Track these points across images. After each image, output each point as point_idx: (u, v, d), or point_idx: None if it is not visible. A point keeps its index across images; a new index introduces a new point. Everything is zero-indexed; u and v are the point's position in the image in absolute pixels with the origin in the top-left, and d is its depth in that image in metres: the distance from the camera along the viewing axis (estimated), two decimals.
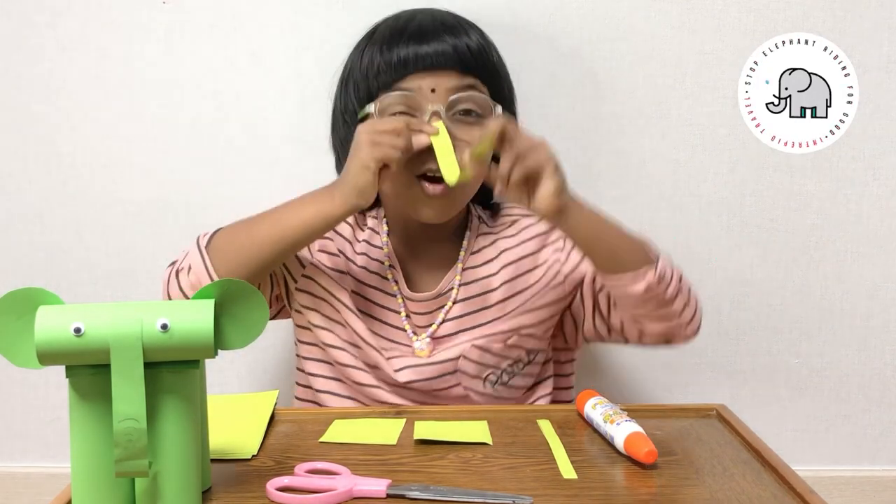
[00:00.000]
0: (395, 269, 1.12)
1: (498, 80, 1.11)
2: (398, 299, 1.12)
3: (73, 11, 1.30)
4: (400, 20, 1.10)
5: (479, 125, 1.05)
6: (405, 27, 1.08)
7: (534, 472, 0.85)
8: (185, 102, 1.32)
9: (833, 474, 1.39)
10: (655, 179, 1.34)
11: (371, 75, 1.07)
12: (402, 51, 1.05)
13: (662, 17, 1.30)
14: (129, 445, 0.71)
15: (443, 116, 1.03)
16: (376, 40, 1.09)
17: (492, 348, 1.10)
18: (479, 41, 1.09)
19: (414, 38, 1.06)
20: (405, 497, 0.78)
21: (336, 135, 1.17)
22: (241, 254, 1.03)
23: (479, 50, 1.08)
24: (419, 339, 1.11)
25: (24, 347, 0.73)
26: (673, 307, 1.05)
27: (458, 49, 1.06)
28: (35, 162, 1.34)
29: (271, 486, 0.79)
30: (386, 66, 1.06)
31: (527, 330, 1.11)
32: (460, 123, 1.05)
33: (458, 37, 1.07)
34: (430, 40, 1.05)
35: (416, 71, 1.04)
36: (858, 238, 1.35)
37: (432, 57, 1.04)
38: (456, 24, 1.09)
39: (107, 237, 1.36)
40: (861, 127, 1.31)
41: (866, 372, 1.39)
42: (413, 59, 1.04)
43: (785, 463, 0.86)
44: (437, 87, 1.04)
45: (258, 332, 0.77)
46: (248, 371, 1.39)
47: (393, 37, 1.07)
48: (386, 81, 1.06)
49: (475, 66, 1.07)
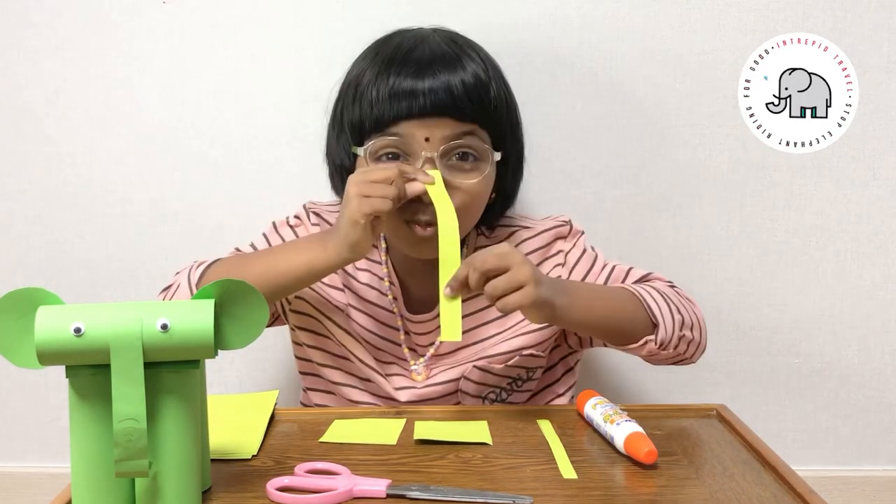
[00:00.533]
0: (394, 286, 1.11)
1: (498, 119, 1.06)
2: (397, 319, 1.11)
3: (73, 11, 1.30)
4: (401, 48, 1.04)
5: (476, 170, 1.03)
6: (404, 59, 1.02)
7: (534, 472, 0.85)
8: (185, 102, 1.32)
9: (833, 474, 1.39)
10: (655, 179, 1.34)
11: (364, 104, 1.03)
12: (396, 86, 1.00)
13: (662, 17, 1.30)
14: (129, 445, 0.71)
15: (437, 164, 1.00)
16: (376, 63, 1.04)
17: (493, 369, 1.09)
18: (477, 76, 1.03)
19: (410, 74, 1.01)
20: (405, 497, 0.78)
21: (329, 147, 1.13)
22: None
23: (477, 88, 1.02)
24: (416, 362, 1.11)
25: (24, 347, 0.73)
26: (680, 356, 1.07)
27: (454, 93, 1.00)
28: (35, 162, 1.34)
29: (271, 486, 0.79)
30: (379, 100, 1.01)
31: (528, 350, 1.10)
32: (456, 170, 1.02)
33: (455, 72, 1.01)
34: (425, 77, 1.00)
35: (410, 116, 1.00)
36: (858, 238, 1.35)
37: (425, 96, 0.99)
38: (455, 58, 1.03)
39: (107, 237, 1.36)
40: (861, 127, 1.31)
41: (866, 372, 1.39)
42: (406, 98, 1.00)
43: (785, 463, 0.86)
44: (431, 135, 1.00)
45: (258, 332, 0.77)
46: (248, 371, 1.39)
47: (391, 66, 1.02)
48: (377, 118, 1.01)
49: (471, 111, 1.02)
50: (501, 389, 1.11)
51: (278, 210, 1.33)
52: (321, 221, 1.13)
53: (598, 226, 1.34)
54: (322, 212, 1.14)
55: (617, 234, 1.35)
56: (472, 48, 1.07)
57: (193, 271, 1.05)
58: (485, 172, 1.04)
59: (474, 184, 1.03)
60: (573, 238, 1.13)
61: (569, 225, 1.14)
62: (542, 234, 1.13)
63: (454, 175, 1.02)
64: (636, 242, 1.35)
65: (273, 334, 1.30)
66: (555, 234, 1.13)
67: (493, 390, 1.11)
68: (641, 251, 1.35)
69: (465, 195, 1.02)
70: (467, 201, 1.03)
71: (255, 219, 1.34)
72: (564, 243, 1.13)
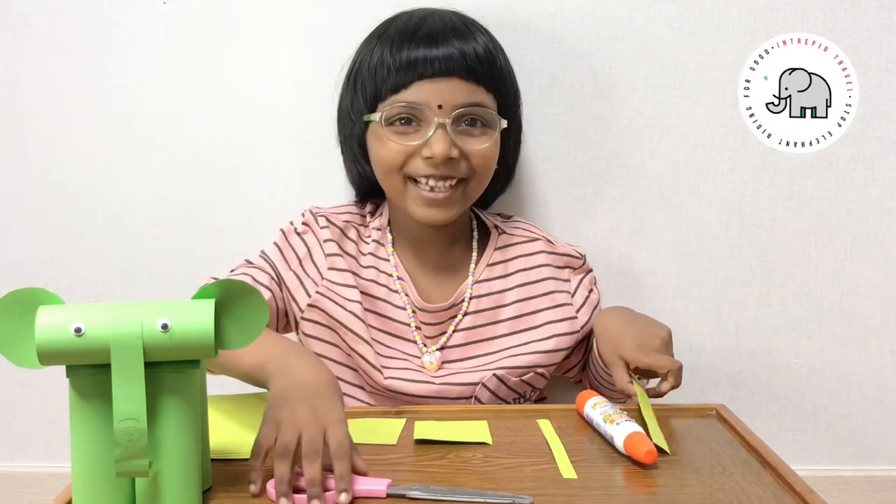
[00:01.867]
0: (403, 280, 1.13)
1: (504, 87, 1.12)
2: (407, 311, 1.12)
3: (73, 11, 1.30)
4: (411, 21, 1.10)
5: (485, 135, 1.08)
6: (416, 30, 1.08)
7: (534, 472, 0.85)
8: (186, 102, 1.32)
9: (833, 474, 1.39)
10: (655, 179, 1.34)
11: (379, 76, 1.08)
12: (410, 54, 1.05)
13: (662, 17, 1.30)
14: (129, 445, 0.71)
15: (448, 129, 1.04)
16: (386, 39, 1.09)
17: (508, 381, 1.10)
18: (486, 46, 1.09)
19: (423, 42, 1.06)
20: (405, 497, 0.78)
21: (342, 130, 1.18)
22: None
23: (487, 56, 1.08)
24: (429, 351, 1.11)
25: (24, 347, 0.73)
26: None
27: (465, 55, 1.06)
28: (35, 162, 1.34)
29: (271, 486, 0.79)
30: (394, 68, 1.06)
31: (541, 369, 1.12)
32: (466, 135, 1.07)
33: (467, 41, 1.07)
34: (438, 44, 1.05)
35: (423, 76, 1.05)
36: (858, 238, 1.35)
37: (440, 61, 1.05)
38: (465, 29, 1.09)
39: (107, 237, 1.35)
40: (861, 127, 1.31)
41: (866, 372, 1.39)
42: (421, 64, 1.05)
43: (785, 463, 0.86)
44: (443, 101, 1.05)
45: (258, 332, 0.77)
46: None
47: (403, 38, 1.07)
48: (393, 84, 1.06)
49: (482, 74, 1.07)
50: (512, 401, 1.12)
51: (278, 210, 1.34)
52: (330, 225, 1.14)
53: (597, 226, 1.34)
54: (329, 215, 1.16)
55: (617, 233, 1.35)
56: (478, 25, 1.13)
57: None
58: (493, 138, 1.09)
59: (485, 148, 1.08)
60: (581, 272, 1.19)
61: (582, 259, 1.19)
62: (559, 256, 1.18)
63: (465, 140, 1.06)
64: (636, 242, 1.35)
65: None
66: (567, 262, 1.18)
67: (502, 403, 1.11)
68: (641, 251, 1.35)
69: (478, 159, 1.08)
70: (480, 164, 1.09)
71: (255, 219, 1.34)
72: (573, 274, 1.18)
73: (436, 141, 1.04)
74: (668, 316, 1.36)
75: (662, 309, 1.36)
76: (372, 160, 1.12)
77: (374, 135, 1.10)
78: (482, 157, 1.08)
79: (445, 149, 1.04)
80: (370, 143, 1.12)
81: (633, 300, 1.36)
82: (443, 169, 1.06)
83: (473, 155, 1.07)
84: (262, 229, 1.34)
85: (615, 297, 1.35)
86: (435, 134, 1.04)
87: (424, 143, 1.05)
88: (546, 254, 1.17)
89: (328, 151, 1.31)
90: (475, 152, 1.07)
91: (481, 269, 1.15)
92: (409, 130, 1.07)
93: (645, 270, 1.36)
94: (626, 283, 1.36)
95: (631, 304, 1.27)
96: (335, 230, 1.14)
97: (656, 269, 1.35)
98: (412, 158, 1.07)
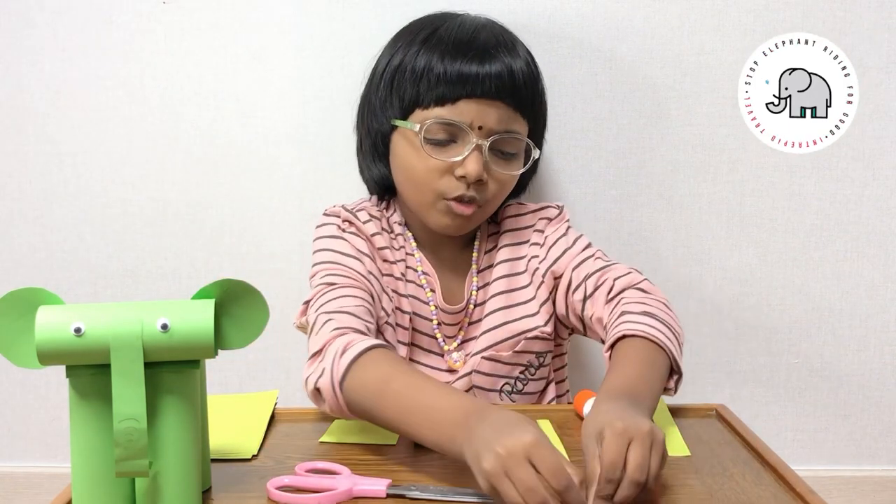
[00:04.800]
0: (429, 276, 1.13)
1: (540, 114, 1.13)
2: (430, 307, 1.12)
3: (73, 11, 1.30)
4: (463, 30, 1.08)
5: (516, 161, 1.08)
6: (469, 42, 1.06)
7: None
8: (186, 102, 1.32)
9: (833, 474, 1.39)
10: (655, 179, 1.34)
11: (423, 82, 1.05)
12: (463, 68, 1.03)
13: (662, 17, 1.30)
14: (129, 445, 0.71)
15: (484, 152, 1.04)
16: (435, 45, 1.06)
17: (501, 357, 1.10)
18: (528, 64, 1.08)
19: (476, 58, 1.04)
20: (405, 497, 0.78)
21: (366, 124, 1.14)
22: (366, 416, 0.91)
23: (530, 76, 1.08)
24: (450, 348, 1.12)
25: (24, 347, 0.73)
26: None
27: (514, 77, 1.05)
28: (35, 162, 1.34)
29: (271, 486, 0.79)
30: (443, 79, 1.04)
31: (532, 332, 1.11)
32: (498, 159, 1.06)
33: (515, 59, 1.06)
34: (492, 61, 1.04)
35: (471, 95, 1.03)
36: (858, 238, 1.35)
37: (491, 81, 1.03)
38: (510, 45, 1.08)
39: (107, 237, 1.35)
40: (861, 127, 1.31)
41: (866, 372, 1.39)
42: (472, 81, 1.03)
43: (785, 463, 0.86)
44: (484, 124, 1.04)
45: (258, 332, 0.77)
46: (248, 371, 1.39)
47: (457, 49, 1.05)
48: (439, 96, 1.04)
49: (524, 100, 1.07)
50: (515, 379, 1.12)
51: (278, 210, 1.34)
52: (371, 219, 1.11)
53: (598, 226, 1.34)
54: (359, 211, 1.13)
55: (617, 234, 1.35)
56: (519, 41, 1.12)
57: (337, 360, 0.91)
58: (523, 166, 1.10)
59: (512, 176, 1.09)
60: (558, 222, 1.15)
61: (559, 210, 1.16)
62: (530, 214, 1.16)
63: (497, 165, 1.06)
64: (636, 242, 1.35)
65: (273, 334, 1.29)
66: (541, 216, 1.16)
67: (507, 381, 1.11)
68: (641, 251, 1.35)
69: (499, 185, 1.08)
70: (499, 190, 1.09)
71: (255, 219, 1.35)
72: (548, 225, 1.15)
73: (470, 161, 1.03)
74: None
75: None
76: (398, 166, 1.10)
77: (406, 143, 1.07)
78: (502, 185, 1.08)
79: (479, 170, 1.03)
80: (398, 146, 1.09)
81: None
82: (472, 190, 1.05)
83: (499, 179, 1.07)
84: (262, 229, 1.35)
85: None
86: (471, 155, 1.04)
87: (460, 161, 1.04)
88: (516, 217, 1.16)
89: (328, 151, 1.31)
90: (502, 177, 1.07)
91: (481, 259, 1.15)
92: (446, 146, 1.05)
93: (645, 270, 1.35)
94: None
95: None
96: (377, 223, 1.12)
97: (656, 269, 1.35)
98: (445, 176, 1.05)
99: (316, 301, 1.01)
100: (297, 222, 1.33)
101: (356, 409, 0.89)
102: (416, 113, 1.06)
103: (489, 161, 1.05)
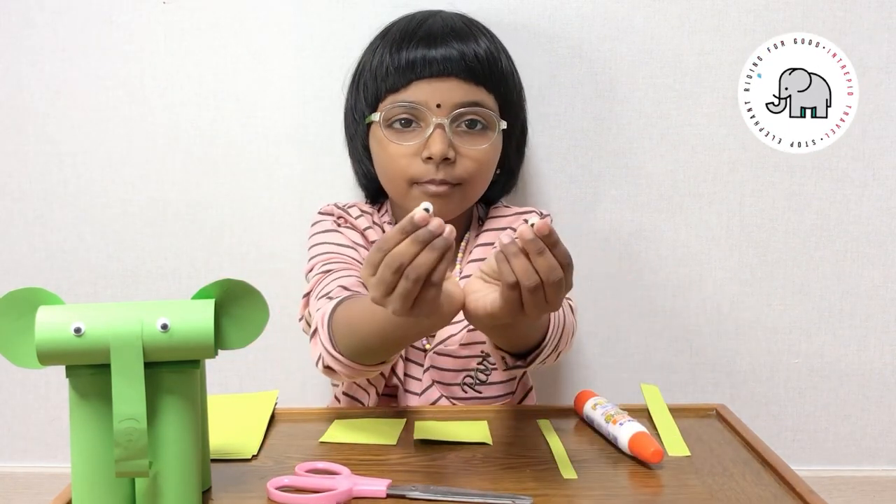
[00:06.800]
0: None
1: (506, 88, 1.11)
2: None
3: (73, 11, 1.30)
4: (412, 22, 1.10)
5: (484, 137, 1.07)
6: (415, 30, 1.08)
7: (534, 472, 0.85)
8: (186, 102, 1.32)
9: (833, 474, 1.39)
10: (655, 179, 1.34)
11: (379, 76, 1.08)
12: (409, 54, 1.05)
13: (662, 17, 1.30)
14: (129, 445, 0.71)
15: (447, 129, 1.04)
16: (388, 41, 1.09)
17: (450, 351, 1.10)
18: (488, 48, 1.09)
19: (423, 43, 1.06)
20: (405, 497, 0.78)
21: (347, 131, 1.18)
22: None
23: (488, 58, 1.08)
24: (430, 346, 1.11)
25: (24, 347, 0.73)
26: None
27: (465, 56, 1.05)
28: (35, 162, 1.34)
29: (271, 486, 0.79)
30: (393, 69, 1.06)
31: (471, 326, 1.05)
32: (464, 136, 1.06)
33: (467, 43, 1.07)
34: (438, 45, 1.05)
35: (422, 77, 1.05)
36: (858, 238, 1.35)
37: (439, 63, 1.04)
38: (466, 30, 1.09)
39: (107, 237, 1.36)
40: (861, 127, 1.31)
41: (866, 372, 1.39)
42: (420, 64, 1.05)
43: (785, 463, 0.86)
44: (442, 101, 1.04)
45: (258, 332, 0.77)
46: (248, 371, 1.39)
47: (403, 39, 1.07)
48: (392, 85, 1.06)
49: (482, 76, 1.07)
50: (476, 371, 1.11)
51: (278, 210, 1.34)
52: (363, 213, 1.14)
53: (598, 226, 1.34)
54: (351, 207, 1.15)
55: (617, 234, 1.35)
56: (480, 27, 1.12)
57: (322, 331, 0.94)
58: (492, 139, 1.08)
59: (482, 150, 1.07)
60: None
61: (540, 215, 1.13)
62: (513, 215, 1.17)
63: (463, 141, 1.06)
64: (636, 242, 1.35)
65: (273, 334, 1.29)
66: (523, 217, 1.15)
67: (468, 373, 1.10)
68: (641, 251, 1.35)
69: (474, 163, 1.07)
70: (475, 169, 1.07)
71: (255, 219, 1.35)
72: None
73: (433, 141, 1.04)
74: (668, 316, 1.36)
75: (662, 309, 1.36)
76: (375, 164, 1.12)
77: (374, 138, 1.10)
78: (476, 162, 1.07)
79: (443, 148, 1.03)
80: (372, 146, 1.12)
81: (633, 300, 1.36)
82: (441, 172, 1.05)
83: (471, 156, 1.06)
84: (262, 229, 1.35)
85: (615, 296, 1.36)
86: (433, 134, 1.04)
87: (423, 143, 1.05)
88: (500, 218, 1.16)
89: (328, 151, 1.31)
90: (472, 153, 1.06)
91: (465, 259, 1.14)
92: (408, 131, 1.06)
93: (645, 270, 1.36)
94: (626, 283, 1.36)
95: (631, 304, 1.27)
96: (369, 218, 1.14)
97: (656, 269, 1.35)
98: (412, 161, 1.06)
99: (315, 291, 1.04)
100: (297, 222, 1.33)
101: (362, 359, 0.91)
102: (379, 107, 1.08)
103: (454, 138, 1.05)
